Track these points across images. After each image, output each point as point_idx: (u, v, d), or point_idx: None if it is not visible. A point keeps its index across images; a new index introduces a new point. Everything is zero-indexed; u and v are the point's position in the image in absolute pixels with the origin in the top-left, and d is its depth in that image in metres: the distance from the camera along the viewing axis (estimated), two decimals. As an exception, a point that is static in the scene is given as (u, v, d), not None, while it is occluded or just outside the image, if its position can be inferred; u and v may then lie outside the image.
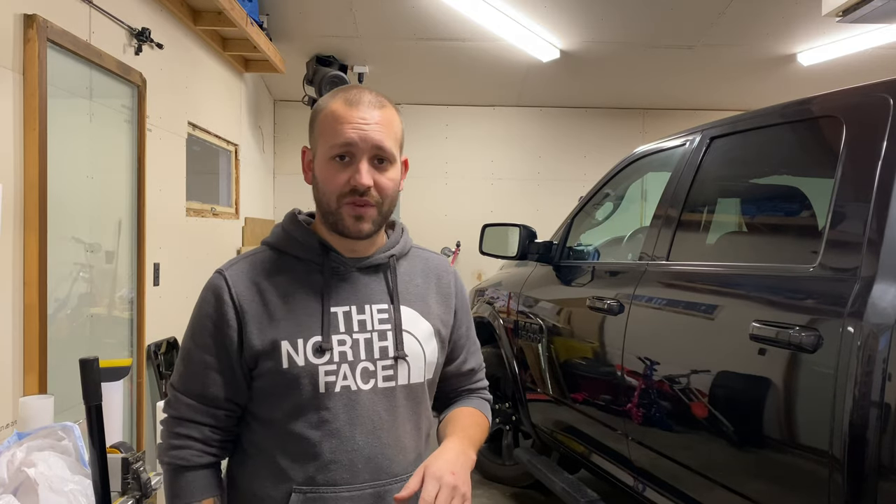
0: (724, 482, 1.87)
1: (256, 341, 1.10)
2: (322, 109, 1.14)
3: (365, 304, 1.16)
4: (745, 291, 1.89)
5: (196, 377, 1.13)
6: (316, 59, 4.86)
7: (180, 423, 1.13)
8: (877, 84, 1.70)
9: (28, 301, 2.22)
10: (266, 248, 1.19)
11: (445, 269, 1.33)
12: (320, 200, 1.14)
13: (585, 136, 6.21)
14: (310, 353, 1.11)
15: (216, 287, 1.13)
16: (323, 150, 1.12)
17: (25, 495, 1.53)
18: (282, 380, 1.10)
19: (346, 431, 1.12)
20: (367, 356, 1.14)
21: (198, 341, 1.13)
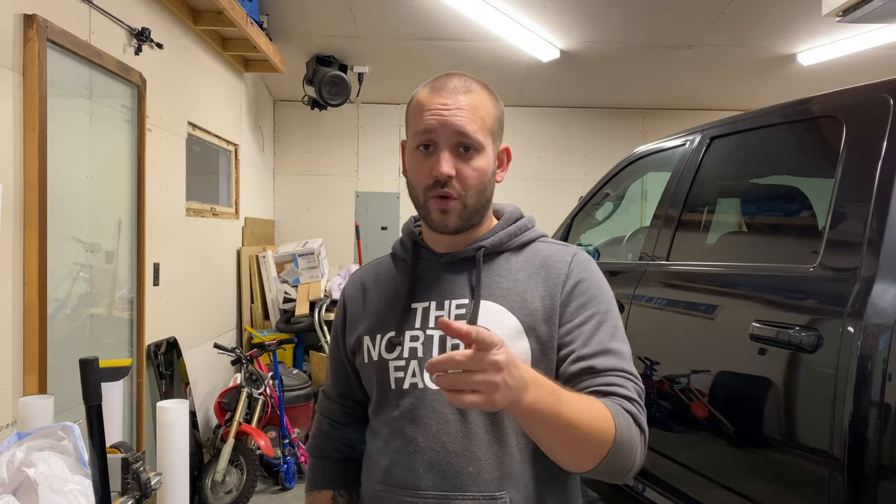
0: (724, 482, 1.87)
1: (350, 338, 1.16)
2: (411, 99, 1.11)
3: (445, 300, 1.08)
4: (745, 291, 1.89)
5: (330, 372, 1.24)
6: (316, 59, 4.86)
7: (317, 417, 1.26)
8: (877, 84, 1.70)
9: (28, 301, 2.22)
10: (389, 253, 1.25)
11: (563, 257, 1.11)
12: (411, 194, 1.11)
13: (585, 136, 6.21)
14: (383, 348, 1.09)
15: (342, 290, 1.23)
16: (410, 140, 1.09)
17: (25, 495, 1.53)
18: (366, 374, 1.14)
19: (409, 431, 1.04)
20: (438, 353, 1.02)
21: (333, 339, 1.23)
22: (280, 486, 3.80)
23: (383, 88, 5.61)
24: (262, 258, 5.03)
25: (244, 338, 4.89)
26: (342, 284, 4.98)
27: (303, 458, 3.93)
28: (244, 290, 4.90)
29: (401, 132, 6.11)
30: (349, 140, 6.09)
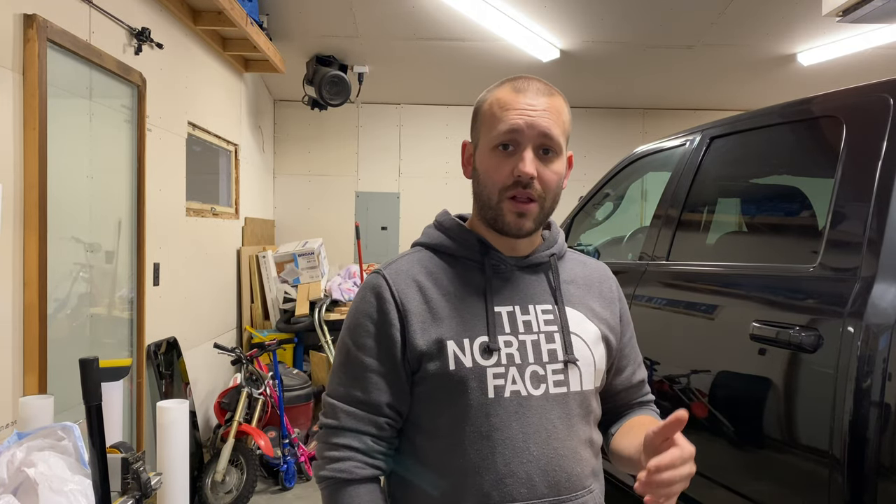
0: (724, 482, 1.87)
1: (420, 340, 1.03)
2: (486, 99, 1.09)
3: (528, 305, 1.08)
4: (746, 291, 1.89)
5: (357, 382, 1.05)
6: (316, 59, 4.86)
7: (340, 433, 1.04)
8: (877, 84, 1.70)
9: (28, 301, 2.22)
10: (421, 249, 1.13)
11: (605, 273, 1.23)
12: (480, 194, 1.08)
13: (585, 136, 6.21)
14: (477, 354, 1.03)
15: (375, 286, 1.07)
16: (486, 139, 1.06)
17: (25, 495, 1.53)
18: (448, 382, 1.02)
19: (520, 441, 1.02)
20: (535, 359, 1.05)
21: (358, 343, 1.06)
22: (280, 486, 3.80)
23: (383, 88, 5.61)
24: (262, 258, 5.03)
25: (244, 338, 4.89)
26: (342, 284, 4.99)
27: (303, 458, 3.93)
28: (244, 290, 4.90)
29: (401, 132, 6.11)
30: (349, 140, 6.09)
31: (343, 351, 1.08)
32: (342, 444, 1.04)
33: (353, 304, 1.11)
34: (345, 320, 1.11)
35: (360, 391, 1.05)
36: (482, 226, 1.10)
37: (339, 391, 1.07)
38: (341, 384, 1.07)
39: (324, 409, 1.09)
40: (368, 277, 1.11)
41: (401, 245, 6.15)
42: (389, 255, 6.13)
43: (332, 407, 1.06)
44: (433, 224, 1.17)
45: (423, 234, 1.17)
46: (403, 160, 6.14)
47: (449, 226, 1.13)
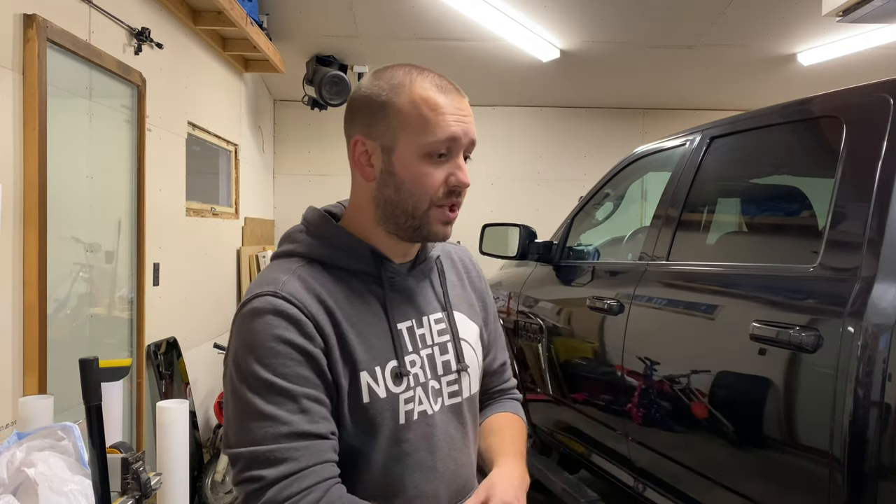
0: (724, 482, 1.87)
1: (338, 369, 0.93)
2: (400, 94, 0.96)
3: (422, 317, 1.04)
4: (746, 291, 1.89)
5: (305, 415, 0.88)
6: (316, 59, 4.86)
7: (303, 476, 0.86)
8: (877, 84, 1.70)
9: (28, 301, 2.22)
10: (300, 261, 0.99)
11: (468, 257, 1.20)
12: (399, 202, 0.97)
13: (585, 136, 6.21)
14: (389, 382, 0.96)
15: (282, 310, 0.90)
16: (414, 143, 0.95)
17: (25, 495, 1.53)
18: (362, 415, 0.94)
19: (428, 461, 1.00)
20: (432, 374, 1.02)
21: (283, 374, 0.88)
22: (280, 486, 3.79)
23: (383, 88, 5.61)
24: (262, 258, 5.03)
25: (244, 338, 4.89)
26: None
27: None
28: (244, 290, 4.90)
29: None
30: (349, 140, 6.09)
31: (264, 387, 0.88)
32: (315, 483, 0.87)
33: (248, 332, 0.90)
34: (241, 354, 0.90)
35: (308, 424, 0.88)
36: (380, 232, 1.00)
37: (278, 432, 0.86)
38: (281, 422, 0.87)
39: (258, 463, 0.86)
40: (261, 302, 0.91)
41: (401, 245, 6.15)
42: (389, 255, 6.14)
43: (277, 452, 0.86)
44: (308, 230, 1.01)
45: (296, 241, 1.01)
46: (403, 160, 6.14)
47: (331, 234, 1.00)
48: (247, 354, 0.90)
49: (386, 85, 0.98)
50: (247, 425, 0.88)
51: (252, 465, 0.86)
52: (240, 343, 0.91)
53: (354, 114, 1.00)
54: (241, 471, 0.87)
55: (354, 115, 1.00)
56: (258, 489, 0.85)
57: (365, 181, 1.00)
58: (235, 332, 0.93)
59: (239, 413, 0.89)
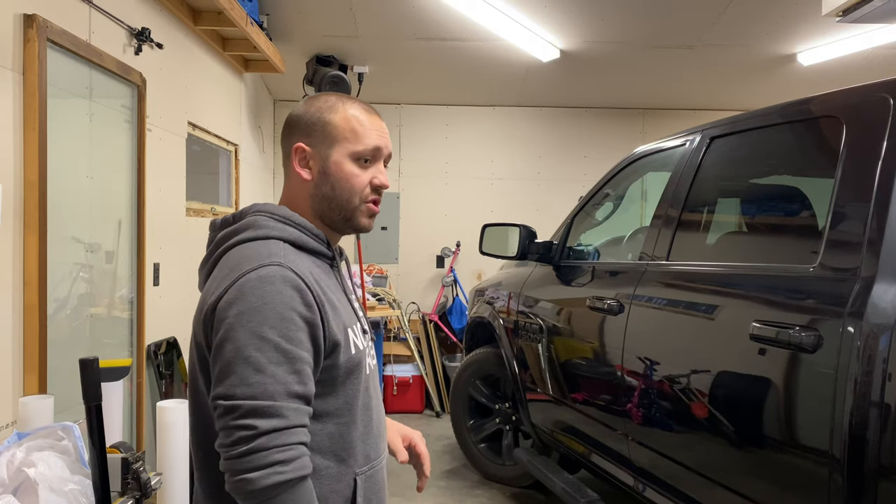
0: (724, 482, 1.87)
1: (335, 329, 1.10)
2: (335, 113, 1.20)
3: (349, 293, 1.27)
4: (745, 291, 1.89)
5: (295, 376, 1.03)
6: (316, 59, 4.86)
7: (291, 432, 1.01)
8: (877, 84, 1.70)
9: (28, 301, 2.22)
10: (279, 243, 1.13)
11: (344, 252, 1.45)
12: (333, 197, 1.20)
13: (585, 136, 6.21)
14: (361, 337, 1.19)
15: (289, 279, 1.06)
16: (344, 149, 1.19)
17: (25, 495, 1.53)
18: (349, 365, 1.13)
19: (377, 405, 1.24)
20: (366, 338, 1.24)
21: (288, 337, 1.02)
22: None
23: (383, 88, 5.61)
24: (262, 258, 5.02)
25: (244, 338, 4.89)
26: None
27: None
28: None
29: (401, 132, 6.11)
30: (349, 140, 6.09)
31: (269, 346, 1.01)
32: (296, 442, 1.01)
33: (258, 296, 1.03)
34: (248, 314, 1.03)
35: (298, 385, 1.03)
36: (317, 223, 1.21)
37: (276, 389, 1.00)
38: (278, 381, 1.01)
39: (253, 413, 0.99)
40: (271, 271, 1.06)
41: (401, 245, 6.15)
42: (389, 254, 6.14)
43: (272, 408, 1.00)
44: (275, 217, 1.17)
45: (265, 226, 1.15)
46: (403, 160, 6.14)
47: (300, 222, 1.18)
48: (255, 315, 1.03)
49: (323, 106, 1.22)
50: (248, 379, 1.00)
51: (249, 414, 0.99)
52: (248, 305, 1.03)
53: (293, 129, 1.23)
54: (237, 418, 0.99)
55: (293, 129, 1.23)
56: (250, 436, 0.98)
57: (303, 180, 1.21)
58: (242, 295, 1.04)
59: (241, 367, 1.01)
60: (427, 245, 6.14)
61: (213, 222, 1.24)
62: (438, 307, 5.79)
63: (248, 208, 1.20)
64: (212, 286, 1.12)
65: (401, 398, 5.18)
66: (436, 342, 5.46)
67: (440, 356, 5.44)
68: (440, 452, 4.29)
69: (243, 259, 1.09)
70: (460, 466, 3.99)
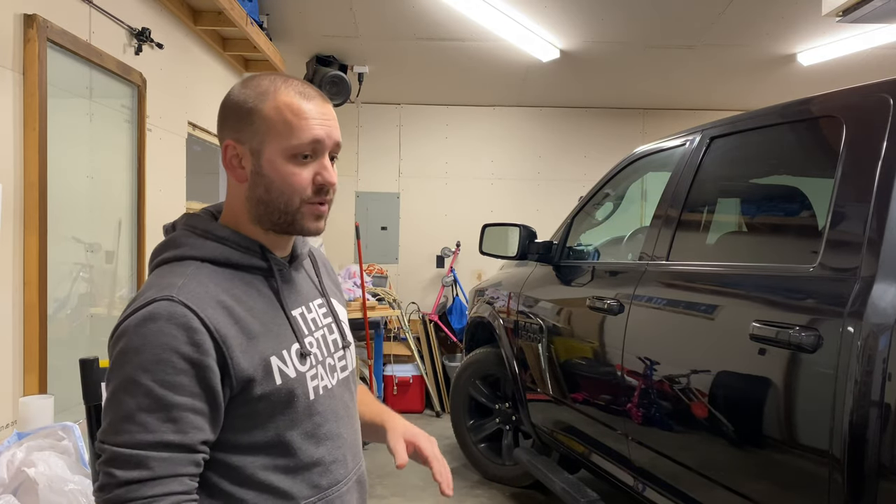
0: (724, 482, 1.87)
1: (245, 364, 0.98)
2: (264, 101, 1.03)
3: (308, 303, 1.15)
4: (745, 291, 1.89)
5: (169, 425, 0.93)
6: (316, 59, 4.86)
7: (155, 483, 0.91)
8: (877, 84, 1.70)
9: (28, 301, 2.22)
10: (194, 263, 1.03)
11: (323, 254, 1.35)
12: (271, 200, 1.04)
13: (585, 136, 6.21)
14: (296, 362, 1.06)
15: (176, 315, 0.94)
16: (279, 146, 1.03)
17: (25, 495, 1.53)
18: (276, 397, 1.02)
19: (335, 430, 1.12)
20: (327, 352, 1.14)
21: (164, 382, 0.93)
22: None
23: (383, 88, 5.61)
24: (262, 258, 5.02)
25: (244, 338, 4.88)
26: (342, 284, 4.99)
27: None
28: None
29: (401, 132, 6.11)
30: (349, 140, 6.09)
31: (141, 392, 0.92)
32: (161, 494, 0.91)
33: (139, 335, 0.94)
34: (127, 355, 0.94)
35: (174, 434, 0.93)
36: (257, 229, 1.08)
37: (144, 439, 0.91)
38: (146, 430, 0.91)
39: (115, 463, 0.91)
40: (156, 308, 0.95)
41: (401, 245, 6.15)
42: (389, 255, 6.14)
43: (135, 458, 0.91)
44: (196, 232, 1.06)
45: (182, 244, 1.04)
46: (403, 160, 6.14)
47: (223, 234, 1.05)
48: (132, 357, 0.94)
49: (252, 93, 1.04)
50: (117, 426, 0.93)
51: (110, 462, 0.92)
52: (128, 346, 0.95)
53: (225, 119, 1.07)
54: (102, 464, 0.93)
55: (224, 120, 1.07)
56: (107, 485, 0.92)
57: (237, 182, 1.07)
58: (126, 332, 0.96)
59: (113, 411, 0.94)
60: (427, 245, 6.14)
61: (164, 227, 1.14)
62: (438, 307, 5.79)
63: (181, 219, 1.10)
64: None
65: (401, 398, 5.18)
66: (436, 342, 5.46)
67: (440, 356, 5.45)
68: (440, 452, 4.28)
69: (143, 289, 1.00)
70: (460, 466, 3.99)
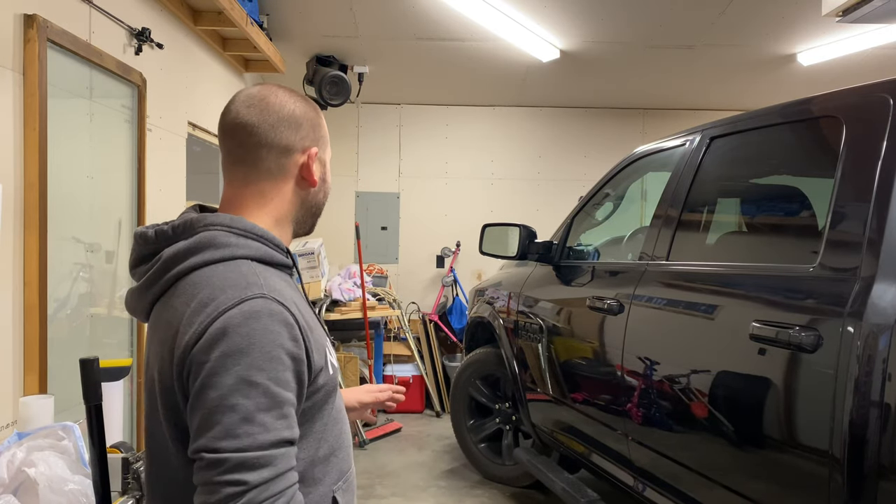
0: (724, 482, 1.87)
1: (316, 357, 1.01)
2: (318, 113, 1.17)
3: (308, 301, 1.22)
4: (745, 291, 1.89)
5: (285, 422, 0.94)
6: (316, 59, 4.86)
7: (280, 479, 0.92)
8: (877, 84, 1.70)
9: (28, 301, 2.22)
10: (248, 262, 1.02)
11: None
12: (316, 203, 1.16)
13: (585, 136, 6.21)
14: (333, 355, 1.13)
15: (277, 313, 0.95)
16: (326, 154, 1.17)
17: (25, 495, 1.53)
18: (330, 386, 1.06)
19: (344, 416, 1.18)
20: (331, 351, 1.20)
21: (278, 379, 0.93)
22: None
23: (383, 88, 5.61)
24: (262, 258, 5.01)
25: (244, 338, 4.88)
26: (342, 284, 4.99)
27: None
28: (244, 290, 4.89)
29: (401, 132, 6.11)
30: (349, 140, 6.10)
31: (258, 392, 0.91)
32: (285, 487, 0.93)
33: (243, 335, 0.92)
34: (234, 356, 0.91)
35: (287, 431, 0.94)
36: (286, 230, 1.14)
37: (266, 439, 0.91)
38: (267, 430, 0.92)
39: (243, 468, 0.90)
40: (254, 305, 0.94)
41: (401, 245, 6.15)
42: (389, 255, 6.14)
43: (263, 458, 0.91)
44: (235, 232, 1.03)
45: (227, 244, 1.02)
46: (403, 160, 6.14)
47: (262, 233, 1.06)
48: (241, 357, 0.91)
49: (305, 104, 1.13)
50: (235, 430, 0.90)
51: (238, 469, 0.89)
52: (233, 346, 0.92)
53: (299, 128, 1.11)
54: (223, 472, 0.89)
55: (298, 129, 1.11)
56: (240, 492, 0.89)
57: (302, 187, 1.13)
58: (225, 334, 0.92)
59: (227, 416, 0.90)
60: (427, 245, 6.14)
61: (142, 234, 1.06)
62: (438, 307, 5.79)
63: (198, 219, 1.04)
64: (176, 320, 0.97)
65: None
66: (436, 342, 5.46)
67: (440, 356, 5.45)
68: (440, 452, 4.28)
69: (216, 289, 0.96)
70: (460, 466, 3.99)
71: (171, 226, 1.05)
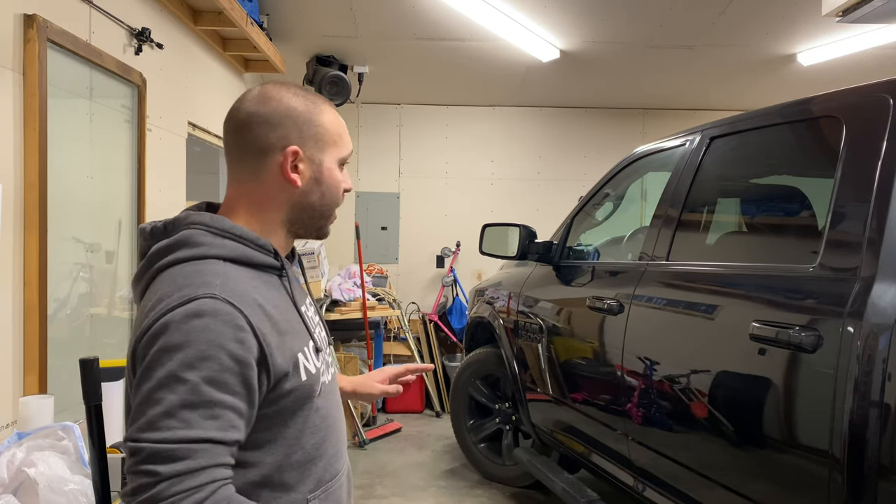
0: (724, 482, 1.87)
1: (280, 361, 1.00)
2: (322, 113, 1.12)
3: (305, 301, 1.18)
4: (745, 291, 1.89)
5: (213, 422, 0.92)
6: (316, 59, 4.86)
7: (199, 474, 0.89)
8: (877, 84, 1.70)
9: (28, 301, 2.22)
10: (219, 262, 1.02)
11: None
12: (316, 204, 1.12)
13: (585, 136, 6.21)
14: (314, 358, 1.09)
15: (222, 313, 0.94)
16: (333, 154, 1.13)
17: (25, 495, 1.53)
18: (300, 392, 1.04)
19: (333, 423, 1.14)
20: (323, 347, 1.17)
21: (211, 379, 0.92)
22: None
23: (383, 88, 5.61)
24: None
25: (244, 338, 4.88)
26: (342, 284, 4.99)
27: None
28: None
29: (401, 132, 6.11)
30: (349, 140, 6.09)
31: (185, 389, 0.90)
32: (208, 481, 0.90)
33: (182, 332, 0.92)
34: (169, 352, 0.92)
35: (216, 432, 0.92)
36: (278, 231, 1.12)
37: (186, 435, 0.89)
38: (189, 427, 0.90)
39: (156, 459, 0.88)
40: (199, 304, 0.94)
41: (401, 245, 6.15)
42: (389, 254, 6.14)
43: (178, 451, 0.89)
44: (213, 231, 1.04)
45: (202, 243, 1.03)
46: (403, 160, 6.14)
47: (242, 234, 1.06)
48: (175, 353, 0.92)
49: (303, 101, 1.11)
50: (156, 422, 0.90)
51: (150, 460, 0.89)
52: (169, 342, 0.92)
53: (279, 126, 1.08)
54: (138, 462, 0.89)
55: (278, 127, 1.08)
56: (150, 483, 0.88)
57: (287, 187, 1.10)
58: (165, 330, 0.93)
59: (150, 408, 0.91)
60: (427, 245, 6.14)
61: (142, 229, 1.10)
62: (438, 307, 5.79)
63: (183, 217, 1.07)
64: (140, 316, 0.99)
65: (401, 398, 5.18)
66: (436, 342, 5.46)
67: (440, 356, 5.45)
68: (440, 452, 4.29)
69: (174, 287, 0.97)
70: (460, 466, 3.99)
71: (164, 223, 1.08)
